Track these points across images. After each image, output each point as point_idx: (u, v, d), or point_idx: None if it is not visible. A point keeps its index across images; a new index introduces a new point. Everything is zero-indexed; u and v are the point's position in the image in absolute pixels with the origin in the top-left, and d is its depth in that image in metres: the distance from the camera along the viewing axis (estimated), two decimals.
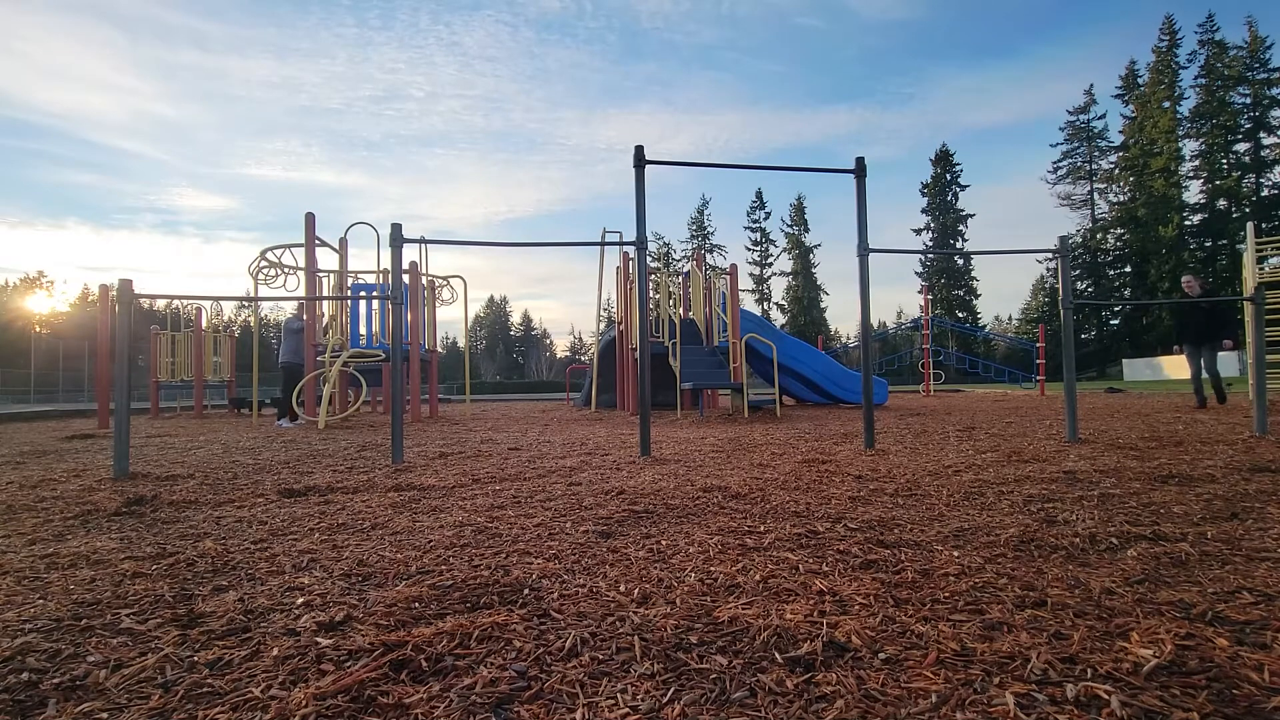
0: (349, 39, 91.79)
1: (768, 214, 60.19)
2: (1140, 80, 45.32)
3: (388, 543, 1.75)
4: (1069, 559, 1.47)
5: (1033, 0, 79.12)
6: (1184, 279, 8.14)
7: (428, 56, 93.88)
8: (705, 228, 61.50)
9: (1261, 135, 41.09)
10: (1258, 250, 8.96)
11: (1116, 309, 46.98)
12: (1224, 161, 42.28)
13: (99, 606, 1.28)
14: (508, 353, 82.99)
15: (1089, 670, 0.91)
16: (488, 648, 1.04)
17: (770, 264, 59.34)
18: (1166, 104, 43.11)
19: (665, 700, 0.86)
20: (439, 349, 11.15)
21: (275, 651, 1.03)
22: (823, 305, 57.85)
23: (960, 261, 50.76)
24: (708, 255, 57.31)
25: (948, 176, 52.36)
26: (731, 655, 0.99)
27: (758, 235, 60.05)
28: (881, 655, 0.97)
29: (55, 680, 0.96)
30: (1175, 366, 29.89)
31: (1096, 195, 48.80)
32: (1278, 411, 5.60)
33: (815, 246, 58.47)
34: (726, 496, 2.32)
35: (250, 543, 1.79)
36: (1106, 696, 0.83)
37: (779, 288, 59.27)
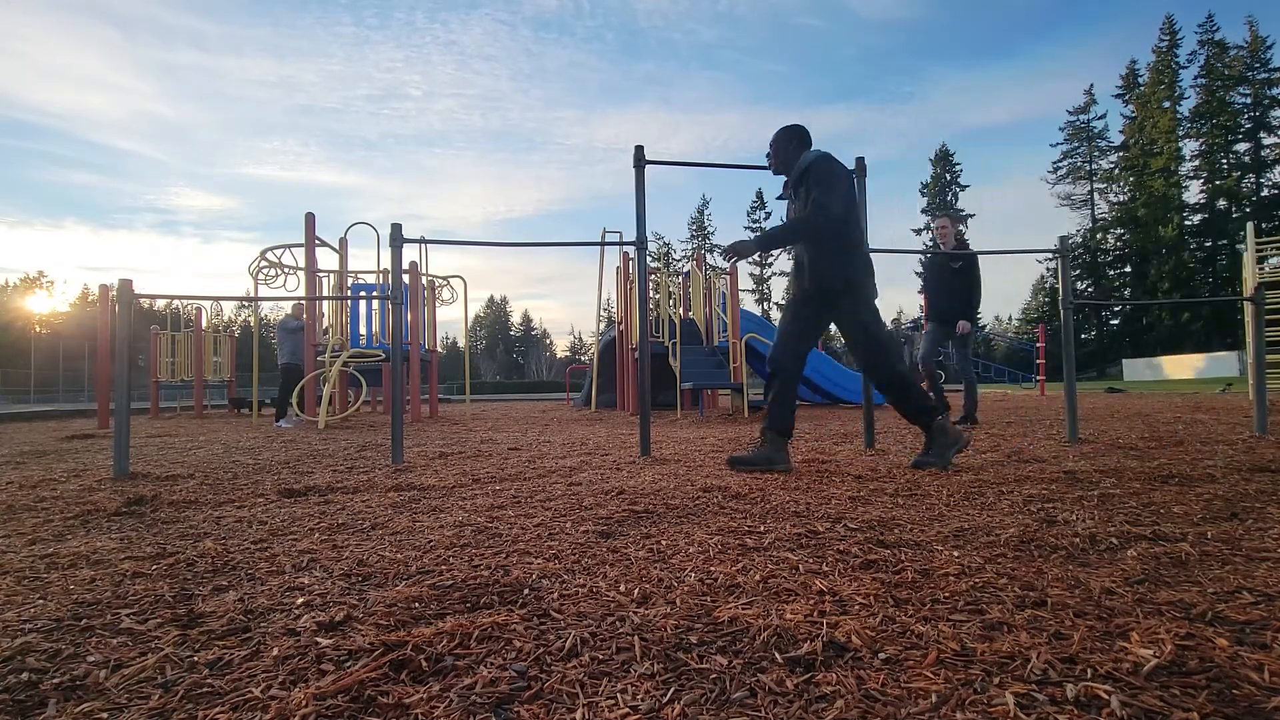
0: (346, 38, 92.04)
1: (768, 214, 60.19)
2: (1140, 80, 45.32)
3: (388, 543, 1.75)
4: (1069, 559, 1.47)
5: (1033, 0, 79.17)
6: (937, 221, 6.02)
7: (425, 55, 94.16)
8: (705, 228, 61.56)
9: (1261, 135, 41.09)
10: (1258, 250, 8.96)
11: (1116, 309, 46.97)
12: (1224, 161, 42.27)
13: (99, 606, 1.28)
14: (508, 353, 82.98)
15: (1089, 670, 0.90)
16: (488, 648, 1.04)
17: (770, 264, 59.33)
18: (1166, 104, 43.11)
19: (665, 700, 0.86)
20: (439, 349, 11.14)
21: (275, 651, 1.03)
22: None
23: None
24: (708, 255, 57.31)
25: (948, 176, 52.38)
26: (731, 655, 0.99)
27: None
28: (881, 655, 0.97)
29: (55, 680, 0.96)
30: (1175, 366, 29.78)
31: (1096, 195, 48.81)
32: (1278, 411, 5.60)
33: None
34: (726, 496, 2.32)
35: (250, 543, 1.79)
36: (1106, 696, 0.83)
37: (779, 288, 59.29)
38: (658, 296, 10.22)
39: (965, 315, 5.63)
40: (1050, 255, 4.08)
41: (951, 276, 5.68)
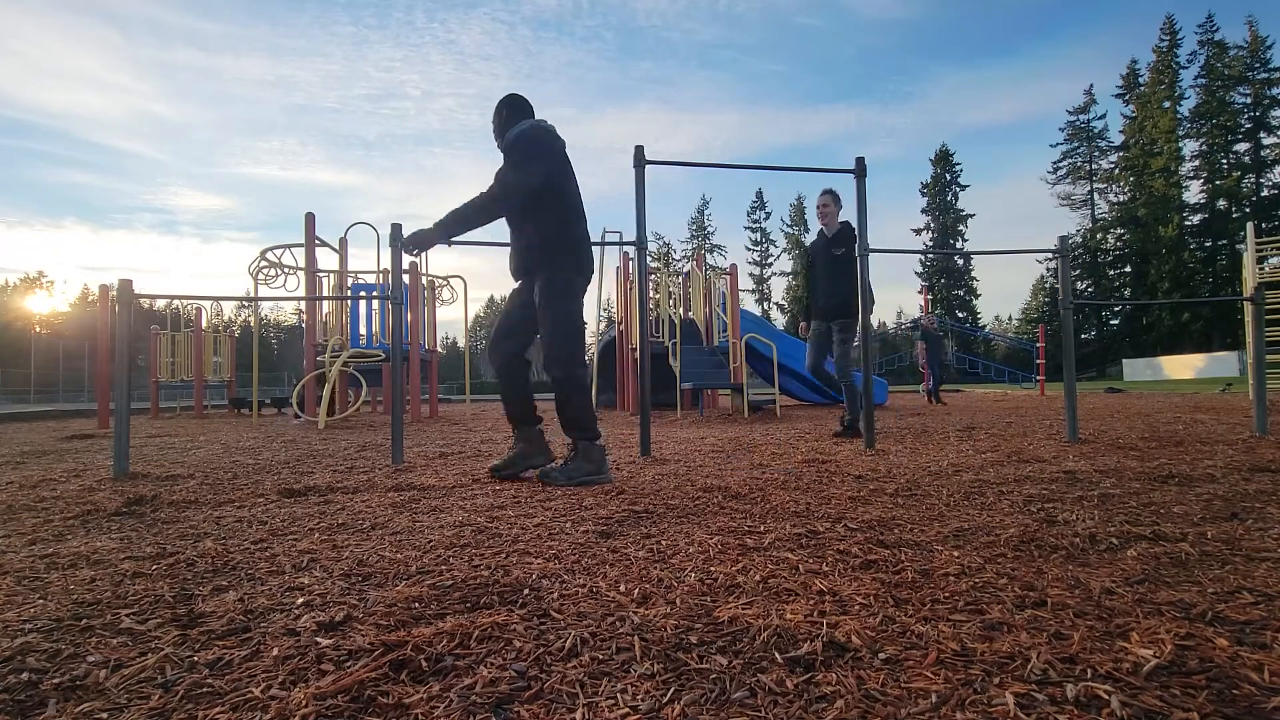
0: (344, 37, 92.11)
1: (768, 214, 60.22)
2: (1140, 80, 45.31)
3: (388, 543, 1.75)
4: (1069, 559, 1.47)
5: (1032, 0, 79.26)
6: (820, 198, 4.87)
7: (423, 55, 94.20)
8: (705, 228, 61.52)
9: (1261, 135, 41.10)
10: (1258, 250, 8.95)
11: (1116, 309, 46.96)
12: (1224, 161, 42.27)
13: (99, 606, 1.28)
14: None
15: (1089, 670, 0.91)
16: (488, 648, 1.04)
17: (770, 264, 59.38)
18: (1167, 104, 43.11)
19: (665, 700, 0.86)
20: (439, 349, 11.14)
21: (275, 651, 1.03)
22: None
23: (960, 261, 50.75)
24: (708, 255, 57.30)
25: (947, 176, 52.36)
26: (731, 655, 0.99)
27: (758, 235, 60.07)
28: (881, 655, 0.97)
29: (55, 680, 0.96)
30: (1176, 366, 29.74)
31: (1096, 195, 48.81)
32: (1278, 411, 5.60)
33: None
34: (726, 496, 2.32)
35: (250, 543, 1.79)
36: (1106, 696, 0.83)
37: (779, 288, 59.32)
38: (658, 296, 10.21)
39: (850, 311, 4.69)
40: (1050, 255, 4.07)
41: (834, 265, 4.72)
